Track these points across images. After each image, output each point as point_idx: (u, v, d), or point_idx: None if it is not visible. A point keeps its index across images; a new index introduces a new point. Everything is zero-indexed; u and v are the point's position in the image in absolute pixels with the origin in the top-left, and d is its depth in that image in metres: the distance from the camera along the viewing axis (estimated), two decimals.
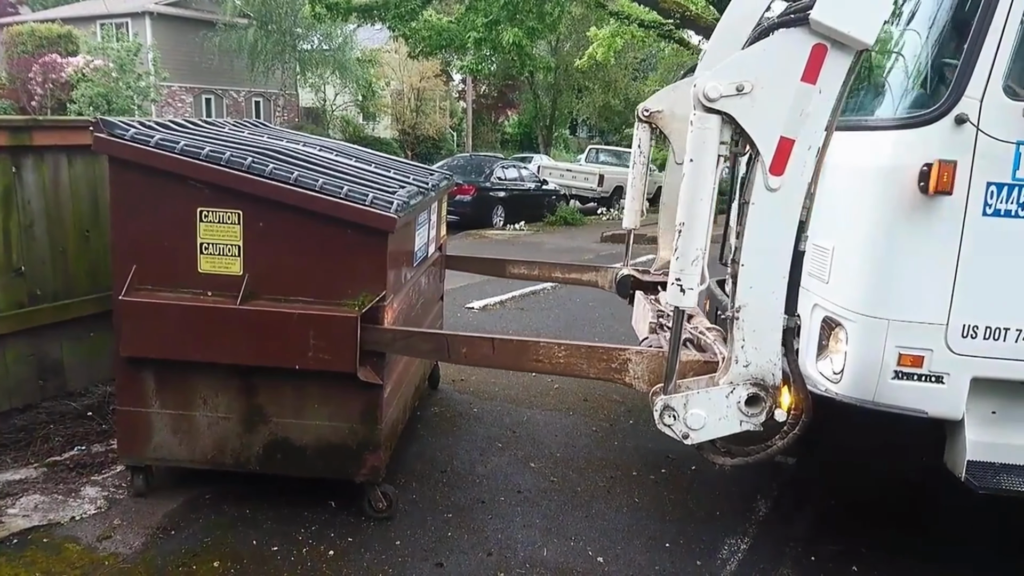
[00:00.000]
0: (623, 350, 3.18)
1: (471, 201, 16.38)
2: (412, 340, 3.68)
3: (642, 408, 5.29)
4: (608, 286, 4.87)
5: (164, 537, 3.39)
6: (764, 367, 2.80)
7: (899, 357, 3.05)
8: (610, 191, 22.68)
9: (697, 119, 2.60)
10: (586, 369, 3.20)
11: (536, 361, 3.23)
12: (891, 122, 3.19)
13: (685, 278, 2.64)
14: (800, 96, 2.58)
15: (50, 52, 24.25)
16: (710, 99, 2.56)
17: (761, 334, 2.78)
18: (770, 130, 2.60)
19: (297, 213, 3.34)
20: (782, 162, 2.62)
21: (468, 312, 7.90)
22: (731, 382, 2.83)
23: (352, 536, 3.48)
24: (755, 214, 2.71)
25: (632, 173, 4.57)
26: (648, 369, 3.09)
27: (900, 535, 3.77)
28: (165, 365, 3.51)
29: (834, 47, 2.54)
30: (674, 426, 2.86)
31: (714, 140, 2.60)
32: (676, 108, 4.31)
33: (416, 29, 17.03)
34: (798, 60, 2.56)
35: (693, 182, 2.61)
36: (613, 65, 28.15)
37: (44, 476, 3.84)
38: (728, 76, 2.56)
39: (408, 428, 4.55)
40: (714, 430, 2.88)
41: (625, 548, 3.54)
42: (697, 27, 16.41)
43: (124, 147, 3.37)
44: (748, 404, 2.83)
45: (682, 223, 2.64)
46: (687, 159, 2.64)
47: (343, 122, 34.75)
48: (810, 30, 2.52)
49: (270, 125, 5.56)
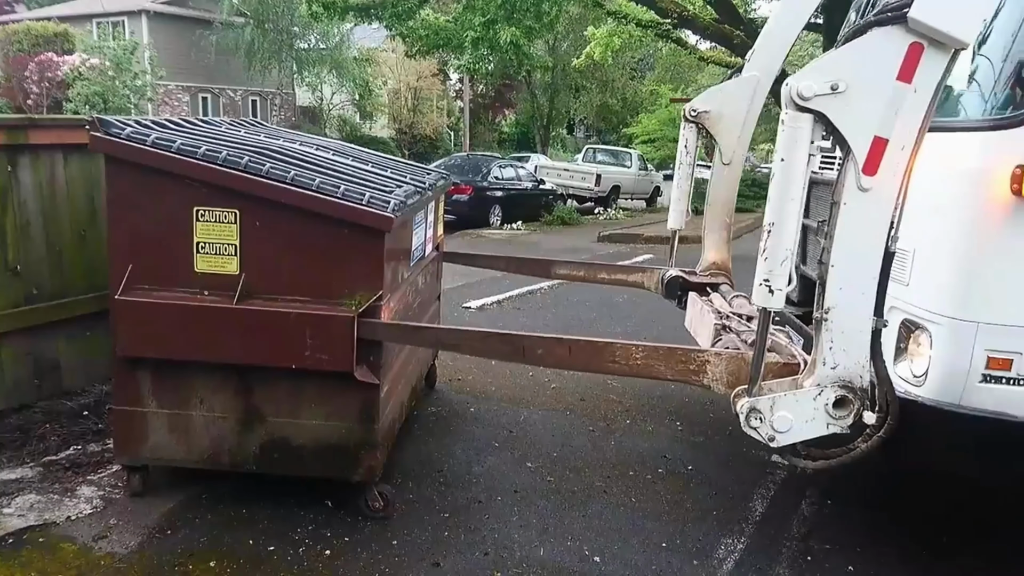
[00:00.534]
0: (701, 352, 3.14)
1: (468, 201, 16.39)
2: (489, 341, 3.62)
3: (638, 407, 5.30)
4: (655, 287, 4.80)
5: (160, 537, 3.39)
6: (852, 369, 2.75)
7: (988, 360, 2.98)
8: (607, 191, 22.72)
9: (789, 118, 2.56)
10: (663, 371, 3.14)
11: (612, 363, 3.18)
12: (981, 123, 3.12)
13: (774, 279, 2.60)
14: (895, 95, 2.54)
15: (46, 51, 24.20)
16: (804, 98, 2.53)
17: (850, 336, 2.73)
18: (864, 129, 2.57)
19: (294, 212, 3.34)
20: (875, 162, 2.58)
21: (465, 312, 7.90)
22: (818, 384, 2.78)
23: (349, 536, 3.48)
24: (846, 215, 2.66)
25: (678, 173, 4.53)
26: (727, 371, 3.04)
27: (895, 534, 3.78)
28: (162, 365, 3.50)
29: (931, 46, 2.49)
30: (760, 428, 2.81)
31: (806, 139, 2.56)
32: (724, 108, 4.28)
33: (413, 28, 17.05)
34: (894, 59, 2.52)
35: (784, 181, 2.58)
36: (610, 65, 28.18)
37: (40, 476, 3.84)
38: (823, 75, 2.53)
39: (405, 428, 4.56)
40: (801, 432, 2.83)
41: (622, 548, 3.54)
42: (694, 27, 16.43)
43: (120, 146, 3.36)
44: (836, 406, 2.78)
45: (771, 223, 2.60)
46: (777, 158, 2.60)
47: (340, 121, 34.75)
48: (907, 28, 2.48)
49: (267, 124, 5.55)
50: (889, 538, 3.73)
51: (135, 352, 3.46)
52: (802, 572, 3.43)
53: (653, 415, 5.20)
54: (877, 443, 2.84)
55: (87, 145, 3.46)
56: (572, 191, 22.11)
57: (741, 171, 4.51)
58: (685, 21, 15.91)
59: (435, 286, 5.20)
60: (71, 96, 22.61)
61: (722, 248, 4.54)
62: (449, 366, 5.80)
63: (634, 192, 25.42)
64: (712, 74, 30.59)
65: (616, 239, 15.19)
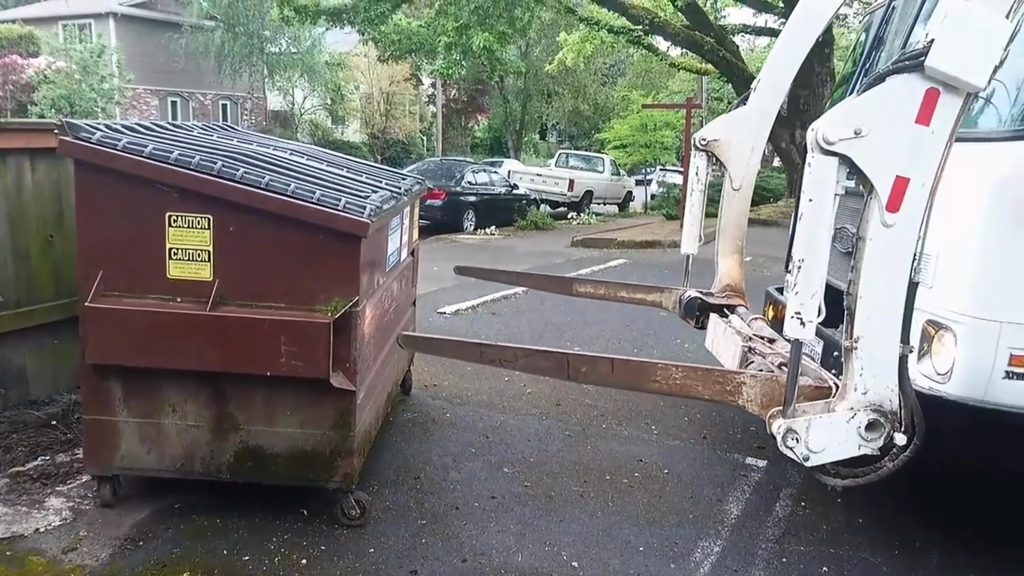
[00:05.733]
0: (738, 374, 3.26)
1: (442, 206, 16.35)
2: (532, 358, 3.59)
3: (614, 412, 5.32)
4: (672, 307, 4.87)
5: (132, 548, 3.33)
6: (882, 393, 2.89)
7: (1010, 357, 3.21)
8: (580, 195, 22.82)
9: (816, 161, 2.69)
10: (701, 391, 3.24)
11: (654, 382, 3.25)
12: (1007, 133, 3.35)
13: (805, 312, 2.73)
14: (914, 137, 2.69)
15: (10, 53, 23.78)
16: (829, 142, 2.65)
17: (879, 363, 2.87)
18: (886, 170, 2.71)
19: (269, 218, 3.31)
20: (898, 200, 2.72)
21: (440, 317, 7.87)
22: (851, 408, 2.91)
23: (325, 544, 3.45)
24: (872, 249, 2.79)
25: (690, 200, 4.64)
26: (761, 393, 3.15)
27: (869, 535, 3.83)
28: (133, 372, 3.44)
29: (947, 90, 2.64)
30: (796, 448, 2.92)
31: (832, 180, 2.70)
32: (732, 136, 4.43)
33: (386, 32, 17.02)
34: (912, 103, 2.67)
35: (813, 221, 2.71)
36: (583, 70, 28.41)
37: (7, 487, 3.75)
38: (846, 120, 2.67)
39: (381, 434, 4.53)
40: (834, 453, 2.95)
41: (600, 552, 3.55)
42: (665, 33, 16.60)
43: (90, 150, 3.30)
44: (868, 429, 2.91)
45: (801, 260, 2.72)
46: (805, 199, 2.73)
47: (312, 126, 34.56)
48: (924, 75, 2.63)
49: (239, 128, 5.49)
50: (864, 539, 3.78)
51: (106, 360, 3.40)
52: (777, 574, 3.47)
53: (628, 419, 5.22)
54: (903, 462, 2.97)
55: (55, 149, 3.40)
56: (545, 196, 22.18)
57: (751, 196, 4.63)
58: (656, 27, 16.08)
59: (410, 292, 5.18)
60: (36, 99, 22.26)
61: (735, 272, 4.66)
62: (424, 371, 5.78)
63: (607, 197, 25.58)
64: (682, 79, 30.92)
65: (589, 243, 15.25)
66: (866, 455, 2.96)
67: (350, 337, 3.41)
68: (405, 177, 5.02)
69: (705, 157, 4.55)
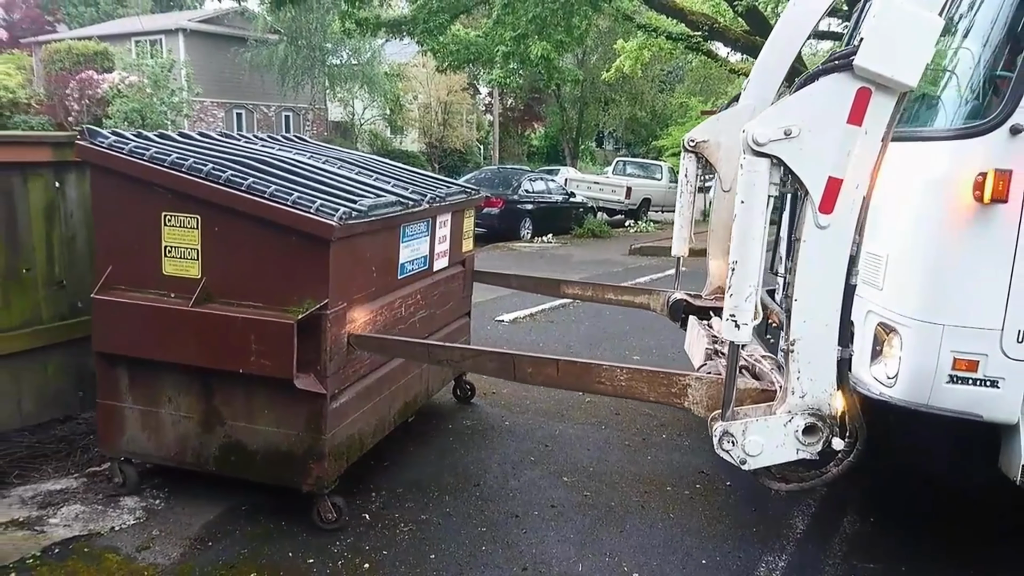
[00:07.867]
0: (683, 375, 3.23)
1: (499, 214, 16.42)
2: (479, 359, 3.71)
3: (673, 422, 5.26)
4: (660, 309, 4.88)
5: (202, 548, 3.43)
6: (820, 397, 2.86)
7: (954, 361, 3.12)
8: (637, 203, 22.63)
9: (747, 163, 2.68)
10: (647, 393, 3.26)
11: (599, 383, 3.30)
12: (947, 133, 3.29)
13: (739, 314, 2.72)
14: (846, 137, 2.66)
15: (86, 69, 24.85)
16: (759, 143, 2.65)
17: (816, 366, 2.85)
18: (818, 171, 2.68)
19: (247, 219, 3.42)
20: (831, 201, 2.70)
21: (499, 325, 7.91)
22: (789, 411, 2.89)
23: (387, 550, 3.49)
24: (806, 251, 2.77)
25: (680, 202, 4.62)
26: (707, 395, 3.14)
27: (939, 552, 3.69)
28: (136, 362, 3.66)
29: (878, 90, 2.61)
30: (732, 452, 2.94)
31: (764, 182, 2.69)
32: (721, 137, 4.41)
33: (444, 43, 17.17)
34: (843, 103, 2.64)
35: (745, 222, 2.70)
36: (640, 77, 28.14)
37: (84, 486, 3.90)
38: (775, 121, 2.66)
39: (440, 441, 4.57)
40: (771, 457, 2.95)
41: (661, 564, 3.50)
42: (725, 39, 16.37)
43: (100, 154, 3.58)
44: (805, 433, 2.89)
45: (735, 261, 2.71)
46: (738, 200, 2.71)
47: (371, 136, 35.08)
48: (854, 75, 2.60)
49: (306, 139, 5.61)
50: (932, 556, 3.65)
51: (108, 349, 3.66)
52: None
53: (688, 430, 5.15)
54: (847, 468, 2.96)
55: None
56: (602, 204, 22.07)
57: None
58: (715, 33, 15.87)
59: (459, 301, 5.13)
60: (110, 113, 23.14)
61: (725, 274, 4.59)
62: (483, 379, 5.80)
63: (665, 205, 25.25)
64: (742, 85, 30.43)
65: (647, 252, 15.11)
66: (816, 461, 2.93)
67: (320, 340, 3.42)
68: (449, 185, 5.00)
69: (694, 159, 4.51)
